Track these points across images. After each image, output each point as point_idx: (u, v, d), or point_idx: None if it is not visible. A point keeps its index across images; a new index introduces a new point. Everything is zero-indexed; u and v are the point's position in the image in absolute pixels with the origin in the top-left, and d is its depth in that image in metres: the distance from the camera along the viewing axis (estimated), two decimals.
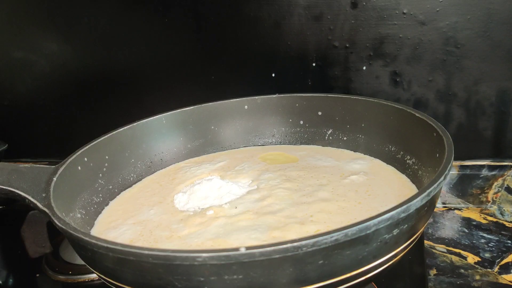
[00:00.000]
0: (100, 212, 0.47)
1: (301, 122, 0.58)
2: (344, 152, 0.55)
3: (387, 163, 0.50)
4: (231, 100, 0.59)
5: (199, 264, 0.27)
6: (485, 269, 0.49)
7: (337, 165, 0.51)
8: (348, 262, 0.29)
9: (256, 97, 0.59)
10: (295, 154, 0.55)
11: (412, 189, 0.45)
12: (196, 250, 0.27)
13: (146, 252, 0.27)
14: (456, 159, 0.38)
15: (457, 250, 0.52)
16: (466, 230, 0.56)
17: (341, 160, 0.52)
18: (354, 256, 0.29)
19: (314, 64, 0.62)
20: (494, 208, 0.60)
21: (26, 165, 0.43)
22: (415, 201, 0.30)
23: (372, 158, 0.52)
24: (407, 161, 0.48)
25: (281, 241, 0.27)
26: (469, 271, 0.49)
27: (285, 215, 0.41)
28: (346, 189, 0.45)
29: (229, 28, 0.63)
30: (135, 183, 0.53)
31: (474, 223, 0.57)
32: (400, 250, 0.33)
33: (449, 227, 0.57)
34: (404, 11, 0.57)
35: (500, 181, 0.60)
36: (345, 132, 0.56)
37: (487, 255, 0.51)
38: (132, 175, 0.53)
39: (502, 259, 0.50)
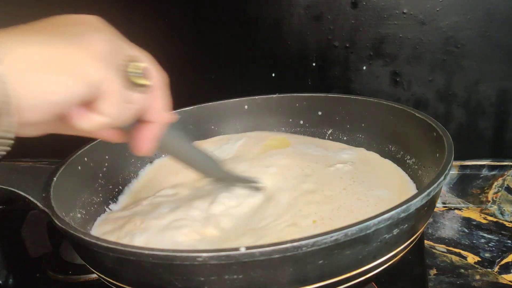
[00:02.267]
0: (100, 211, 0.47)
1: (301, 122, 0.58)
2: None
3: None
4: (231, 100, 0.59)
5: (199, 264, 0.27)
6: (485, 269, 0.49)
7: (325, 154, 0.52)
8: (348, 262, 0.29)
9: (256, 97, 0.59)
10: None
11: (412, 189, 0.45)
12: (196, 250, 0.27)
13: (146, 252, 0.27)
14: (456, 159, 0.38)
15: (457, 250, 0.52)
16: (466, 230, 0.56)
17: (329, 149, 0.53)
18: (354, 256, 0.29)
19: (314, 64, 0.62)
20: (494, 208, 0.60)
21: (26, 165, 0.43)
22: (415, 201, 0.30)
23: (360, 148, 0.53)
24: (407, 161, 0.48)
25: (281, 241, 0.27)
26: (469, 271, 0.49)
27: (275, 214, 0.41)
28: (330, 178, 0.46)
29: (229, 28, 0.63)
30: None
31: (474, 223, 0.57)
32: (400, 250, 0.33)
33: (449, 227, 0.57)
34: (404, 11, 0.57)
35: (500, 181, 0.60)
36: (345, 132, 0.56)
37: (487, 255, 0.51)
38: (132, 175, 0.53)
39: (502, 259, 0.50)
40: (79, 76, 0.25)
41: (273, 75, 0.64)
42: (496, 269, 0.49)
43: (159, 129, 0.33)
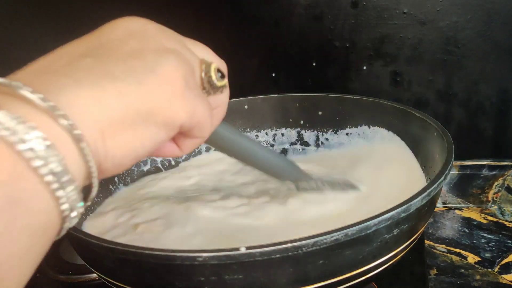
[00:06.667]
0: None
1: (301, 122, 0.58)
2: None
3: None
4: (231, 100, 0.58)
5: (199, 264, 0.27)
6: (485, 269, 0.49)
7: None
8: (348, 262, 0.29)
9: (256, 97, 0.58)
10: None
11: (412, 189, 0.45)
12: (197, 250, 0.27)
13: (146, 252, 0.27)
14: (456, 159, 0.38)
15: (458, 250, 0.52)
16: (467, 230, 0.56)
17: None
18: (354, 256, 0.29)
19: (314, 64, 0.62)
20: (494, 208, 0.60)
21: None
22: (415, 200, 0.30)
23: None
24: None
25: (281, 241, 0.27)
26: (470, 271, 0.49)
27: None
28: None
29: (229, 28, 0.63)
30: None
31: (475, 223, 0.57)
32: (400, 250, 0.33)
33: (449, 227, 0.57)
34: (405, 11, 0.57)
35: (500, 180, 0.60)
36: (345, 132, 0.56)
37: (487, 255, 0.51)
38: (132, 174, 0.53)
39: (502, 259, 0.50)
40: (165, 124, 0.22)
41: (273, 75, 0.64)
42: (496, 269, 0.49)
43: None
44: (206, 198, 0.44)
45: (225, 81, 0.28)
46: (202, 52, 0.28)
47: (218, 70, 0.27)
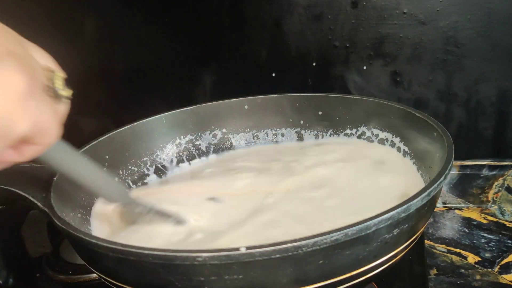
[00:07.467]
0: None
1: (301, 122, 0.58)
2: None
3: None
4: (231, 100, 0.59)
5: (199, 264, 0.27)
6: (485, 269, 0.49)
7: None
8: (348, 262, 0.29)
9: (256, 97, 0.58)
10: None
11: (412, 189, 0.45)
12: (196, 250, 0.27)
13: (146, 252, 0.27)
14: (456, 159, 0.38)
15: (458, 250, 0.52)
16: (467, 230, 0.56)
17: None
18: (354, 256, 0.29)
19: (314, 64, 0.62)
20: (494, 208, 0.60)
21: (27, 164, 0.43)
22: (415, 201, 0.30)
23: None
24: (407, 161, 0.48)
25: (281, 241, 0.27)
26: (470, 271, 0.49)
27: None
28: None
29: (229, 28, 0.63)
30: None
31: (475, 223, 0.57)
32: (400, 250, 0.33)
33: (449, 227, 0.57)
34: (405, 11, 0.57)
35: (500, 180, 0.60)
36: (346, 132, 0.56)
37: (487, 255, 0.51)
38: (132, 174, 0.53)
39: (502, 259, 0.50)
40: (4, 139, 0.21)
41: (273, 75, 0.64)
42: (496, 269, 0.49)
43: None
44: None
45: (70, 92, 0.27)
46: (44, 59, 0.27)
47: (63, 80, 0.27)
